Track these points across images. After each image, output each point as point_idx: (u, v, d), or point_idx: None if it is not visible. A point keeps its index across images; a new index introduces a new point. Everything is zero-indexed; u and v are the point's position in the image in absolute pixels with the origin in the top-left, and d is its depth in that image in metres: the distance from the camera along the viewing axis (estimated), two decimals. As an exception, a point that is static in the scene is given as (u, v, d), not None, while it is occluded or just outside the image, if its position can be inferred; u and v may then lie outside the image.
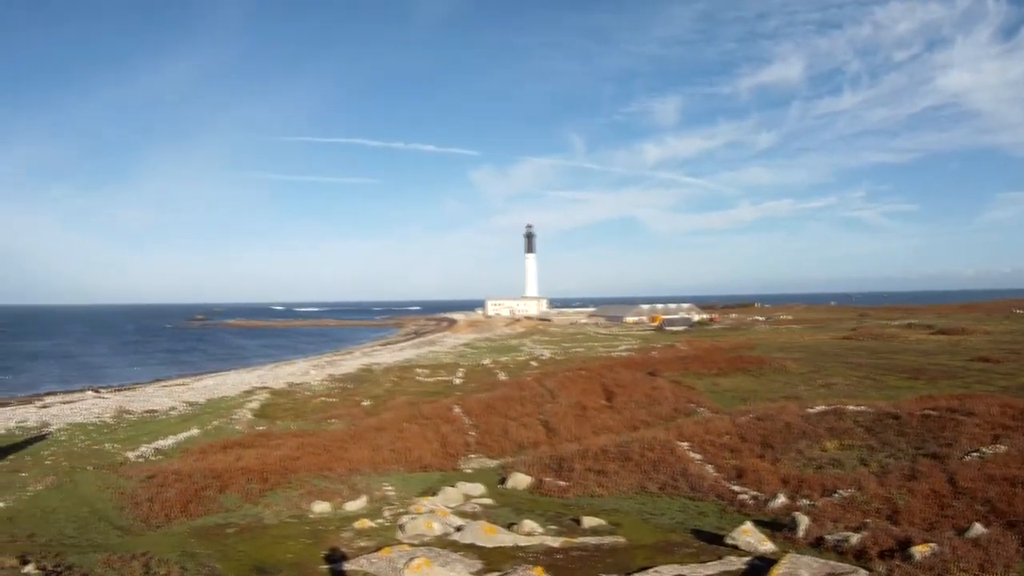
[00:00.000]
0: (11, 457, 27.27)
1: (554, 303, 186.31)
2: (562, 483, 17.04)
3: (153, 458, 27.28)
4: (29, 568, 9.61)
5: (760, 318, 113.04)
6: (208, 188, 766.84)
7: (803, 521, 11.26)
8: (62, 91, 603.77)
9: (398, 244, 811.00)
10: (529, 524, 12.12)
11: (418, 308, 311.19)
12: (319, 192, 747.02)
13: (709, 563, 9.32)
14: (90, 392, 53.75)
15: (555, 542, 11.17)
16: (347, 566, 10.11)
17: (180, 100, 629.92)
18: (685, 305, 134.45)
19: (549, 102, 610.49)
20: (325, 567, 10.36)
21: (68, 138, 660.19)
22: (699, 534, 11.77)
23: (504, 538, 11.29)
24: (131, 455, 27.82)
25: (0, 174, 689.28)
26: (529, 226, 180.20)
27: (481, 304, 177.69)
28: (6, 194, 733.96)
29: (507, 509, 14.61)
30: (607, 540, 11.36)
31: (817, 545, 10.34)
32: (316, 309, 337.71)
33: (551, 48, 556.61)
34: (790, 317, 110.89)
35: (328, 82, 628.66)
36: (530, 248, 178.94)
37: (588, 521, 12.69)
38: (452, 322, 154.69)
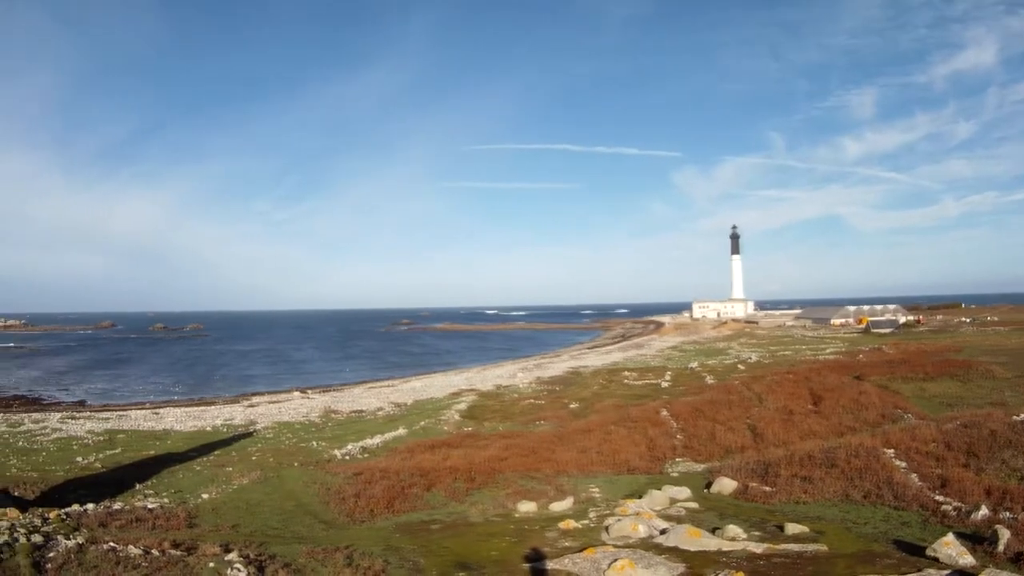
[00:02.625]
0: (216, 452, 27.69)
1: (761, 305, 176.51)
2: (767, 489, 16.66)
3: (360, 456, 27.11)
4: (232, 556, 9.56)
5: (966, 319, 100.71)
6: (412, 197, 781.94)
7: (1004, 535, 10.61)
8: (263, 108, 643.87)
9: (603, 247, 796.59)
10: (733, 529, 11.85)
11: (625, 311, 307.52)
12: (523, 198, 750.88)
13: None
14: (296, 393, 54.29)
15: (758, 548, 10.85)
16: (550, 565, 9.88)
17: (379, 111, 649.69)
18: (891, 306, 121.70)
19: (746, 100, 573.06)
20: (528, 566, 10.10)
21: (269, 153, 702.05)
22: (900, 545, 11.26)
23: (707, 542, 11.09)
24: (337, 453, 27.71)
25: (207, 188, 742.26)
26: (734, 227, 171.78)
27: (687, 307, 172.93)
28: (212, 208, 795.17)
29: (712, 514, 14.25)
30: (809, 548, 10.88)
31: (1016, 560, 9.88)
32: (524, 313, 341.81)
33: (743, 45, 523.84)
34: (996, 318, 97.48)
35: (527, 89, 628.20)
36: (736, 249, 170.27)
37: (791, 528, 12.16)
38: (659, 325, 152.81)
